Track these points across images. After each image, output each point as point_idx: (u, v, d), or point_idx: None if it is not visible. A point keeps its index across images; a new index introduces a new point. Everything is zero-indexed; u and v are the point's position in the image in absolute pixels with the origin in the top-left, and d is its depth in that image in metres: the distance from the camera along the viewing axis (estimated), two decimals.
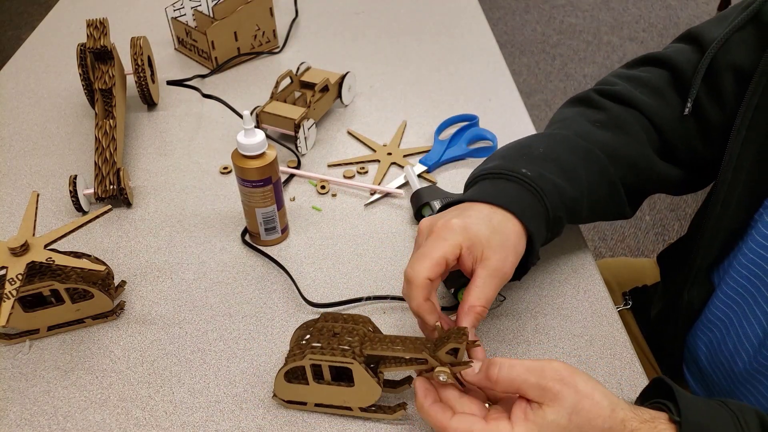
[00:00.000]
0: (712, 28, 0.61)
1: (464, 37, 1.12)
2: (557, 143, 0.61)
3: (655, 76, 0.64)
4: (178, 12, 1.04)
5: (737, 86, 0.59)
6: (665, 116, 0.62)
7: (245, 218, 0.72)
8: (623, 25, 2.89)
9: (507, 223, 0.53)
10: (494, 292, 0.51)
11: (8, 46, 2.76)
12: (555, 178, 0.57)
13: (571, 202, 0.58)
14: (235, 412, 0.56)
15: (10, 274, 0.56)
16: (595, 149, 0.61)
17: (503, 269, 0.51)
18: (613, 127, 0.63)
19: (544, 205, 0.56)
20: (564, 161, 0.59)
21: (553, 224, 0.57)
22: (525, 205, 0.55)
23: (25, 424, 0.56)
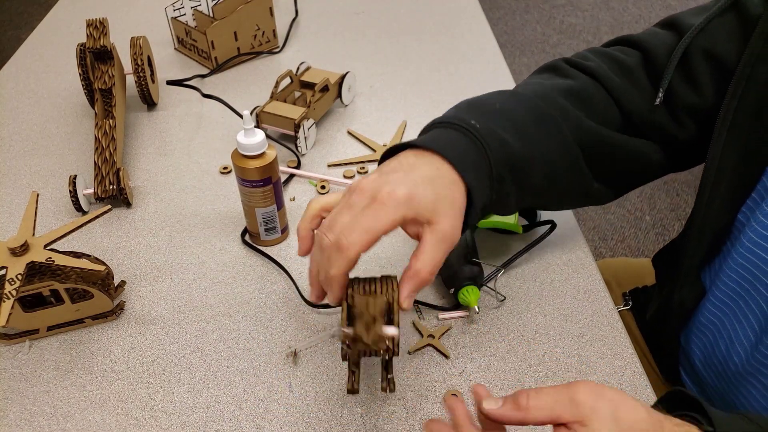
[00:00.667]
0: (692, 16, 0.60)
1: (464, 37, 1.12)
2: (514, 101, 0.59)
3: (628, 56, 0.63)
4: (177, 12, 1.04)
5: (713, 72, 0.58)
6: (631, 98, 0.61)
7: (245, 218, 0.72)
8: (623, 25, 2.88)
9: (453, 185, 0.50)
10: (442, 256, 0.49)
11: (8, 46, 2.76)
12: (503, 133, 0.54)
13: (519, 162, 0.55)
14: (235, 412, 0.56)
15: (10, 274, 0.56)
16: (553, 112, 0.58)
17: (452, 234, 0.49)
18: (577, 96, 0.61)
19: (488, 161, 0.53)
20: (518, 120, 0.57)
21: (498, 183, 0.54)
22: (470, 160, 0.52)
23: (25, 424, 0.56)
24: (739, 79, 0.55)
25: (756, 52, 0.53)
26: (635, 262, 0.94)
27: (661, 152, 0.63)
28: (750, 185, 0.58)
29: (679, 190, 2.01)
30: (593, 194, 0.64)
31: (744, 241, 0.59)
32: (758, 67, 0.53)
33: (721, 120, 0.56)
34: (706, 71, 0.58)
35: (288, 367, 0.60)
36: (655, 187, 2.01)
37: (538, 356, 0.60)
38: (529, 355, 0.61)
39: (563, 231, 0.73)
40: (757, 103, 0.54)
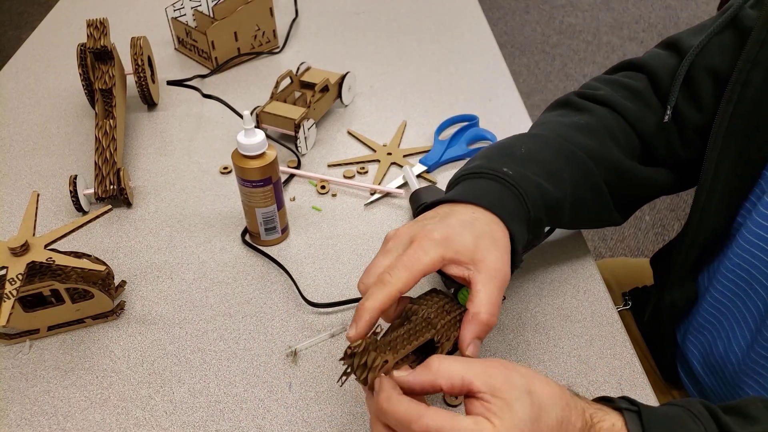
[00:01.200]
0: (691, 36, 0.62)
1: (464, 37, 1.12)
2: (540, 144, 0.60)
3: (635, 81, 0.64)
4: (178, 12, 1.04)
5: (714, 89, 0.59)
6: (646, 121, 0.62)
7: (245, 218, 0.72)
8: (623, 26, 2.89)
9: (492, 224, 0.50)
10: (498, 294, 0.47)
11: (8, 46, 2.76)
12: (537, 179, 0.55)
13: (553, 203, 0.56)
14: (235, 412, 0.56)
15: (11, 274, 0.56)
16: (578, 151, 0.59)
17: (502, 269, 0.48)
18: (596, 130, 0.62)
19: (525, 206, 0.54)
20: (547, 162, 0.58)
21: (534, 226, 0.55)
22: (507, 206, 0.53)
23: (25, 424, 0.56)
24: (734, 84, 0.55)
25: (751, 58, 0.54)
26: (635, 262, 0.94)
27: (671, 176, 0.64)
28: (746, 188, 0.58)
29: None
30: (607, 220, 0.65)
31: (740, 241, 0.59)
32: (753, 73, 0.54)
33: (717, 126, 0.57)
34: (708, 88, 0.59)
35: (288, 367, 0.60)
36: None
37: (537, 356, 0.61)
38: (529, 354, 0.61)
39: (563, 231, 0.73)
40: (753, 107, 0.54)
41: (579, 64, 2.65)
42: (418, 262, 0.46)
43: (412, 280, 0.46)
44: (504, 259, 0.49)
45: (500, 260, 0.48)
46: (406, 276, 0.46)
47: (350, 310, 0.65)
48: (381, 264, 0.48)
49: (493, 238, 0.49)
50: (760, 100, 0.54)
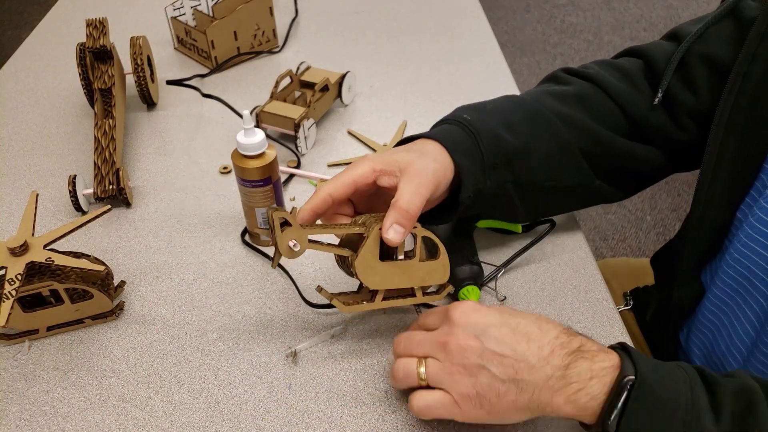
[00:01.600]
0: (690, 25, 0.63)
1: (464, 36, 1.12)
2: (507, 101, 0.64)
3: (628, 63, 0.66)
4: (177, 11, 1.04)
5: (710, 76, 0.60)
6: (634, 101, 0.63)
7: (245, 218, 0.72)
8: (624, 25, 2.88)
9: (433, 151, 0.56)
10: (418, 188, 0.52)
11: (8, 46, 2.76)
12: (495, 127, 0.59)
13: (511, 151, 0.59)
14: (235, 413, 0.56)
15: (10, 274, 0.56)
16: (546, 111, 0.62)
17: (424, 171, 0.53)
18: (574, 99, 0.64)
19: (479, 147, 0.58)
20: (508, 114, 0.61)
21: (491, 170, 0.58)
22: (456, 141, 0.57)
23: (24, 424, 0.56)
24: (735, 77, 0.56)
25: (752, 51, 0.54)
26: (636, 262, 0.94)
27: (662, 156, 0.65)
28: (747, 182, 0.58)
29: (680, 190, 2.01)
30: (598, 192, 0.65)
31: (742, 237, 0.59)
32: (754, 66, 0.54)
33: (718, 117, 0.57)
34: (704, 75, 0.60)
35: (288, 367, 0.60)
36: (656, 187, 2.01)
37: None
38: None
39: (564, 231, 0.73)
40: (753, 100, 0.55)
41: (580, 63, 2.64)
42: (347, 173, 0.54)
43: (340, 186, 0.53)
44: (429, 165, 0.54)
45: (423, 165, 0.54)
46: (335, 183, 0.53)
47: None
48: None
49: (422, 152, 0.55)
50: (760, 94, 0.54)
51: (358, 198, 0.57)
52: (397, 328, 0.63)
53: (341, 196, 0.54)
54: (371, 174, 0.54)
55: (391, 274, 0.54)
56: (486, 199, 0.59)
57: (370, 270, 0.53)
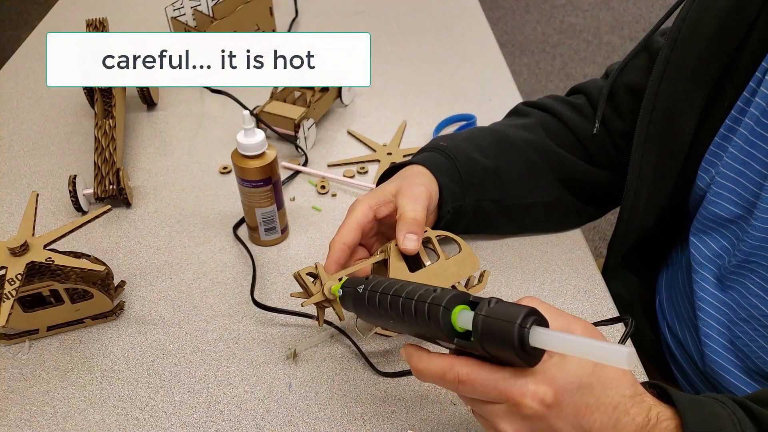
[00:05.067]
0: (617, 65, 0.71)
1: (464, 37, 1.12)
2: (477, 131, 0.72)
3: (575, 99, 0.74)
4: (177, 12, 1.04)
5: (633, 101, 0.67)
6: (584, 128, 0.70)
7: (245, 218, 0.72)
8: (624, 25, 2.88)
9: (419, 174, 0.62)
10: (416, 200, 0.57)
11: (8, 46, 2.76)
12: (469, 151, 0.67)
13: (485, 173, 0.66)
14: (235, 413, 0.56)
15: (10, 274, 0.56)
16: (512, 137, 0.69)
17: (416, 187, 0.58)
18: (532, 126, 0.71)
19: (456, 168, 0.65)
20: (479, 141, 0.69)
21: (469, 187, 0.65)
22: (438, 164, 0.64)
23: (24, 424, 0.56)
24: (648, 96, 0.62)
25: (660, 74, 0.61)
26: None
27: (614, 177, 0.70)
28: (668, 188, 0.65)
29: None
30: (576, 210, 0.72)
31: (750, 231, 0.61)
32: (662, 86, 0.60)
33: (638, 133, 0.63)
34: (628, 101, 0.68)
35: (288, 368, 0.60)
36: None
37: None
38: None
39: (563, 231, 0.73)
40: (664, 116, 0.61)
41: (579, 63, 2.64)
42: (349, 220, 0.58)
43: (348, 232, 0.57)
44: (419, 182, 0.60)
45: (413, 183, 0.59)
46: (342, 233, 0.57)
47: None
48: None
49: (408, 177, 0.61)
50: (670, 110, 0.60)
51: (366, 239, 0.61)
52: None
53: (353, 241, 0.57)
54: (369, 211, 0.58)
55: (426, 281, 0.54)
56: (467, 215, 0.66)
57: None
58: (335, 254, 0.56)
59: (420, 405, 0.57)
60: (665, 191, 0.65)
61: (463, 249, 0.58)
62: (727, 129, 0.58)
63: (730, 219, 0.59)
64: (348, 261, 0.58)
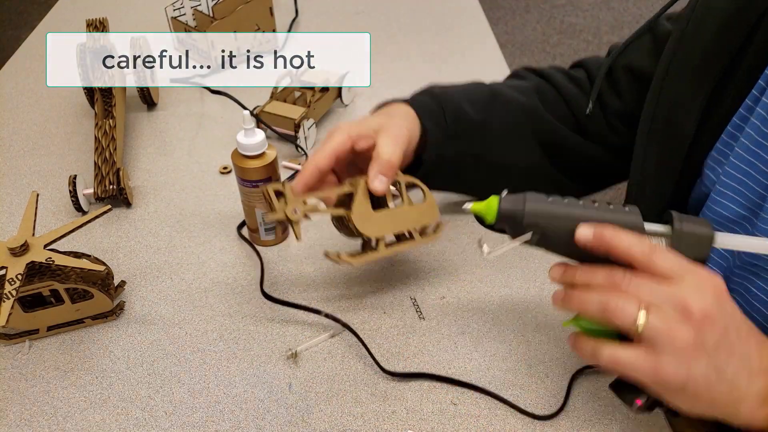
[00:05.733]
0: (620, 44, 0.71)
1: (464, 37, 1.12)
2: (474, 84, 0.72)
3: (575, 72, 0.75)
4: (177, 12, 1.04)
5: (632, 83, 0.67)
6: (579, 102, 0.71)
7: (245, 218, 0.72)
8: (624, 25, 2.88)
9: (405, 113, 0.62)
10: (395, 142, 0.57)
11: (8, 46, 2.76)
12: (459, 100, 0.67)
13: (471, 126, 0.66)
14: (235, 413, 0.56)
15: (10, 274, 0.56)
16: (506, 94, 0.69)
17: (399, 128, 0.58)
18: (530, 92, 0.71)
19: (444, 116, 0.65)
20: (472, 93, 0.69)
21: (453, 139, 0.65)
22: (426, 108, 0.64)
23: (24, 424, 0.56)
24: (653, 90, 0.62)
25: (665, 67, 0.60)
26: None
27: (606, 155, 0.71)
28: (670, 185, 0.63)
29: None
30: (557, 181, 0.72)
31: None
32: (667, 81, 0.60)
33: (641, 126, 0.63)
34: (627, 82, 0.68)
35: (288, 368, 0.60)
36: None
37: (539, 356, 0.60)
38: (530, 354, 0.61)
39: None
40: (668, 111, 0.60)
41: None
42: (327, 145, 0.58)
43: (323, 158, 0.57)
44: (402, 123, 0.60)
45: (397, 123, 0.59)
46: (318, 156, 0.57)
47: (351, 310, 0.65)
48: None
49: (394, 115, 0.61)
50: (673, 106, 0.60)
51: (340, 167, 0.61)
52: (397, 328, 0.63)
53: (326, 167, 0.57)
54: (348, 141, 0.58)
55: (386, 221, 0.58)
56: (446, 167, 0.66)
57: (366, 221, 0.57)
58: (305, 176, 0.57)
59: (420, 405, 0.57)
60: (668, 188, 0.64)
61: (427, 198, 0.60)
62: (734, 127, 0.57)
63: (734, 220, 0.58)
64: (317, 185, 0.58)
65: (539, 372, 0.59)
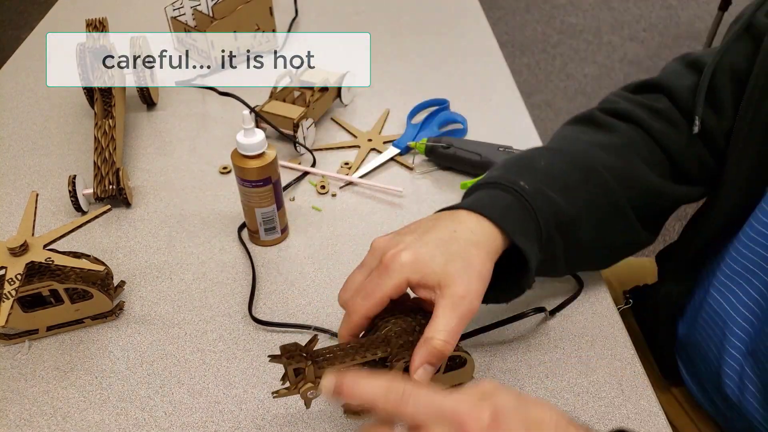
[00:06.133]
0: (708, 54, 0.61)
1: (464, 36, 1.12)
2: (561, 161, 0.59)
3: (656, 102, 0.64)
4: (177, 11, 1.04)
5: (735, 92, 0.58)
6: (673, 138, 0.61)
7: (245, 218, 0.72)
8: (624, 25, 2.88)
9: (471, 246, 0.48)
10: (459, 323, 0.45)
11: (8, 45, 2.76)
12: (551, 196, 0.54)
13: (567, 219, 0.55)
14: (235, 413, 0.56)
15: (9, 274, 0.56)
16: (600, 169, 0.58)
17: (467, 297, 0.46)
18: (621, 148, 0.61)
19: (537, 223, 0.52)
20: (564, 178, 0.57)
21: (546, 244, 0.53)
22: (514, 220, 0.51)
23: (24, 424, 0.56)
24: (752, 91, 0.54)
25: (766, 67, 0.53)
26: (636, 261, 0.94)
27: (702, 191, 0.63)
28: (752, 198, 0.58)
29: None
30: (635, 242, 0.64)
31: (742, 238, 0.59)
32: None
33: (736, 133, 0.56)
34: (728, 93, 0.58)
35: None
36: None
37: (538, 357, 0.60)
38: (529, 356, 0.61)
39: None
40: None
41: (580, 63, 2.64)
42: (380, 288, 0.46)
43: (374, 306, 0.47)
44: (472, 288, 0.47)
45: (467, 287, 0.46)
46: (369, 304, 0.47)
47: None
48: (356, 279, 0.50)
49: (467, 261, 0.47)
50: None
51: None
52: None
53: (375, 313, 0.48)
54: (406, 286, 0.47)
55: None
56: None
57: None
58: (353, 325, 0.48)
59: None
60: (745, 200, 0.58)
61: (468, 364, 0.51)
62: None
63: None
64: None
65: (539, 373, 0.59)
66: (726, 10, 2.19)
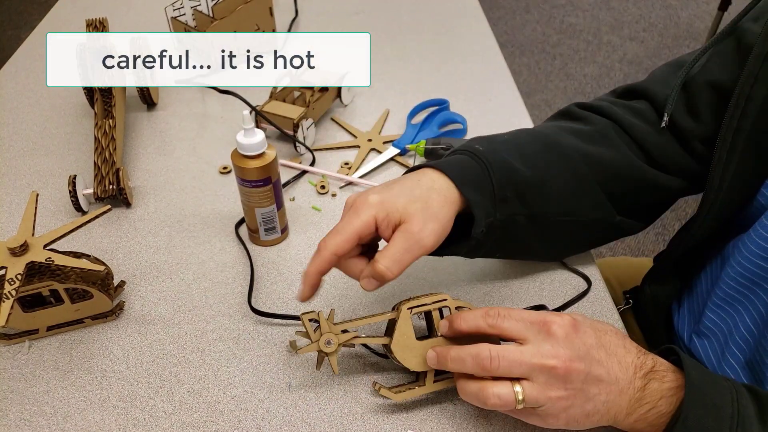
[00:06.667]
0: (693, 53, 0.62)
1: (464, 37, 1.12)
2: (524, 134, 0.64)
3: (636, 104, 0.66)
4: (177, 12, 1.04)
5: (713, 99, 0.60)
6: (646, 131, 0.64)
7: (245, 219, 0.72)
8: (623, 25, 2.88)
9: (436, 192, 0.54)
10: (406, 255, 0.51)
11: (8, 46, 2.76)
12: (508, 158, 0.58)
13: (526, 184, 0.58)
14: (235, 413, 0.56)
15: (10, 274, 0.56)
16: (562, 143, 0.62)
17: (418, 234, 0.51)
18: (595, 137, 0.63)
19: (490, 179, 0.56)
20: (524, 147, 0.61)
21: (501, 203, 0.57)
22: (467, 174, 0.56)
23: (24, 424, 0.56)
24: (738, 99, 0.55)
25: (754, 73, 0.54)
26: (636, 261, 0.94)
27: (681, 182, 0.65)
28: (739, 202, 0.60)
29: None
30: (618, 227, 0.65)
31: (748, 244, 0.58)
32: (756, 88, 0.54)
33: (721, 140, 0.57)
34: (707, 98, 0.60)
35: (288, 367, 0.60)
36: None
37: None
38: None
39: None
40: (755, 123, 0.55)
41: (579, 63, 2.64)
42: (350, 225, 0.51)
43: (344, 242, 0.51)
44: (428, 226, 0.52)
45: (422, 225, 0.52)
46: (338, 239, 0.51)
47: (352, 310, 0.65)
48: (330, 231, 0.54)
49: (426, 204, 0.53)
50: (762, 117, 0.54)
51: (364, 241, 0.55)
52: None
53: (344, 252, 0.51)
54: (374, 223, 0.52)
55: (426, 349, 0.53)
56: (496, 232, 0.58)
57: (408, 352, 0.53)
58: (321, 263, 0.51)
59: (420, 405, 0.57)
60: (735, 205, 0.59)
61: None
62: None
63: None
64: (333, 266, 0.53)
65: None
66: (726, 10, 2.19)
